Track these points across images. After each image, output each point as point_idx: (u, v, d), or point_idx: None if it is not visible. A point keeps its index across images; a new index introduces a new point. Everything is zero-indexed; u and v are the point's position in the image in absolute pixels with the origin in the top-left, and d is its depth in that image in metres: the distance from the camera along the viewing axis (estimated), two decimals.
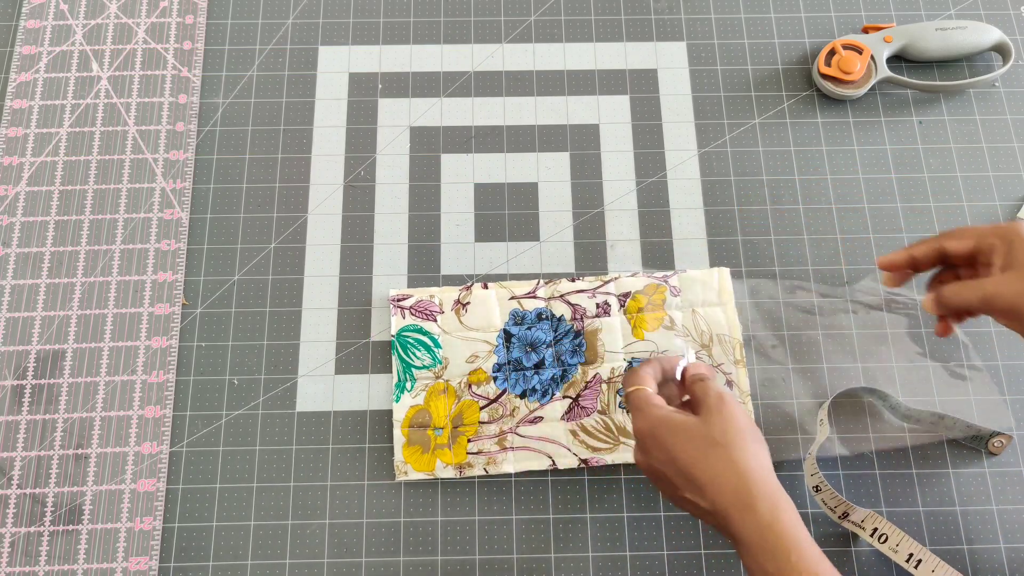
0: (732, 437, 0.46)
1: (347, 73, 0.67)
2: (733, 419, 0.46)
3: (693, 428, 0.46)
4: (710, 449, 0.45)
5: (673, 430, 0.47)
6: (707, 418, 0.47)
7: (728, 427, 0.46)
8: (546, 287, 0.60)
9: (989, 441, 0.56)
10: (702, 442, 0.46)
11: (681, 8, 0.69)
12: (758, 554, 0.43)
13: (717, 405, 0.47)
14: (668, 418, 0.47)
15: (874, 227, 0.62)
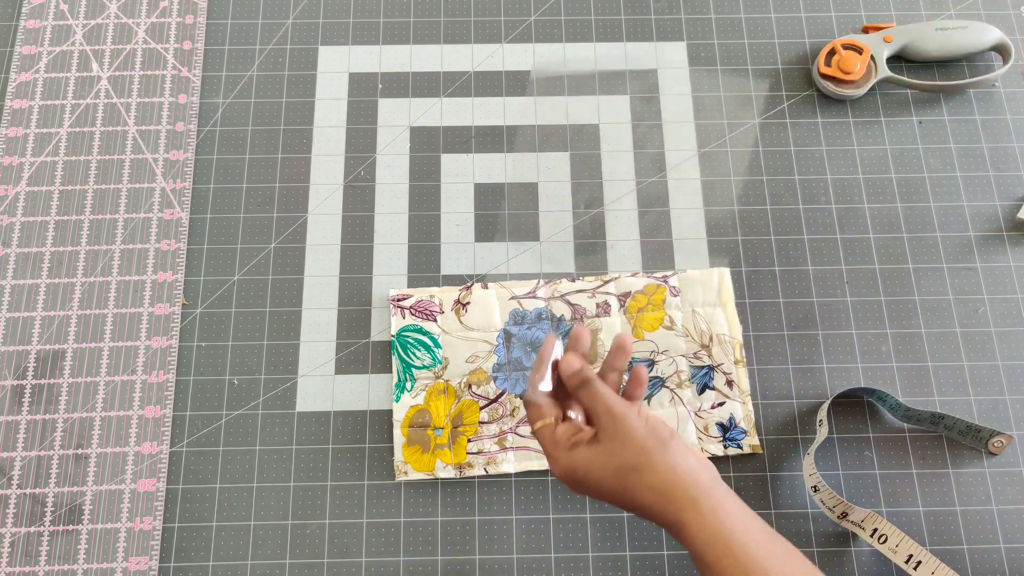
0: (639, 457, 0.43)
1: (347, 73, 0.67)
2: (632, 437, 0.44)
3: (602, 462, 0.44)
4: (630, 476, 0.43)
5: (585, 472, 0.44)
6: (609, 446, 0.44)
7: (629, 449, 0.43)
8: (546, 287, 0.60)
9: (989, 441, 0.56)
10: (617, 474, 0.43)
11: (681, 8, 0.69)
12: (694, 560, 0.43)
13: (610, 426, 0.44)
14: (575, 457, 0.45)
15: (874, 227, 0.62)
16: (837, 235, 0.62)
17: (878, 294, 0.61)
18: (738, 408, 0.57)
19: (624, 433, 0.44)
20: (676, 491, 0.43)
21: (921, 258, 0.62)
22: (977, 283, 0.61)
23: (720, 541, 0.42)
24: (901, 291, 0.61)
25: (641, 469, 0.43)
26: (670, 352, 0.58)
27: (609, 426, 0.44)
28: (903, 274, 0.61)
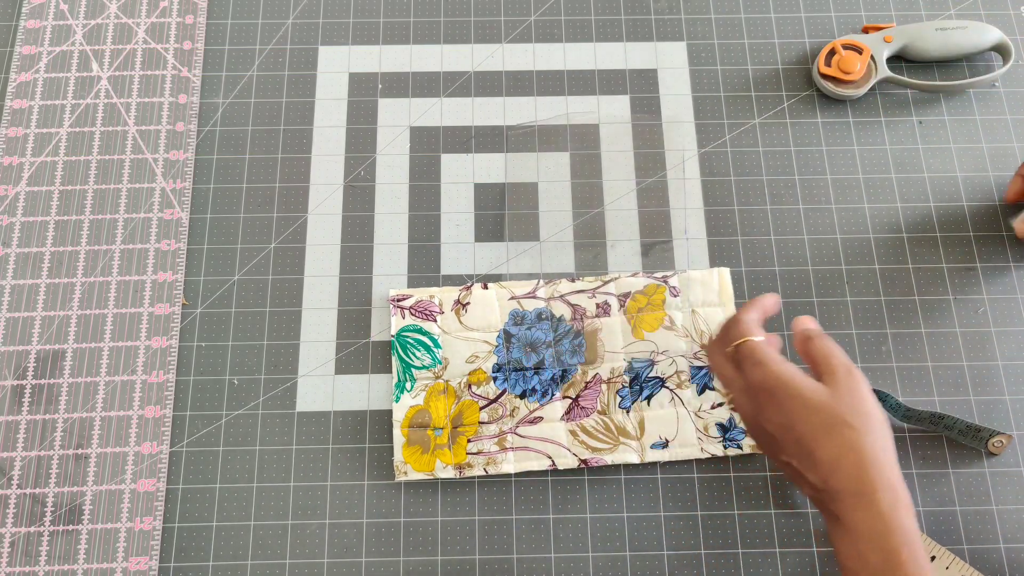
0: (863, 420, 0.42)
1: (347, 73, 0.67)
2: (864, 399, 0.42)
3: (820, 399, 0.42)
4: (836, 428, 0.41)
5: (797, 395, 0.43)
6: (836, 392, 0.42)
7: (859, 407, 0.42)
8: (546, 287, 0.60)
9: (989, 441, 0.56)
10: (828, 418, 0.42)
11: (681, 8, 0.69)
12: (866, 543, 0.40)
13: (847, 378, 0.43)
14: (793, 380, 0.43)
15: (874, 227, 0.62)
16: (837, 235, 0.62)
17: (878, 294, 0.61)
18: None
19: (859, 391, 0.42)
20: (883, 468, 0.41)
21: (921, 258, 0.62)
22: (977, 283, 0.61)
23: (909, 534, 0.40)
24: (901, 291, 0.61)
25: (858, 429, 0.41)
26: (670, 352, 0.58)
27: (845, 378, 0.43)
28: (903, 274, 0.61)
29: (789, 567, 0.54)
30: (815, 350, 0.45)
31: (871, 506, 0.40)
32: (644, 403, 0.57)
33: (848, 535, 0.41)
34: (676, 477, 0.56)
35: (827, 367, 0.44)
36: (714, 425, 0.57)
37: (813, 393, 0.43)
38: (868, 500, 0.40)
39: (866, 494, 0.41)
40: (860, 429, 0.41)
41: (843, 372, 0.43)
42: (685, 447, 0.56)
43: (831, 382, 0.43)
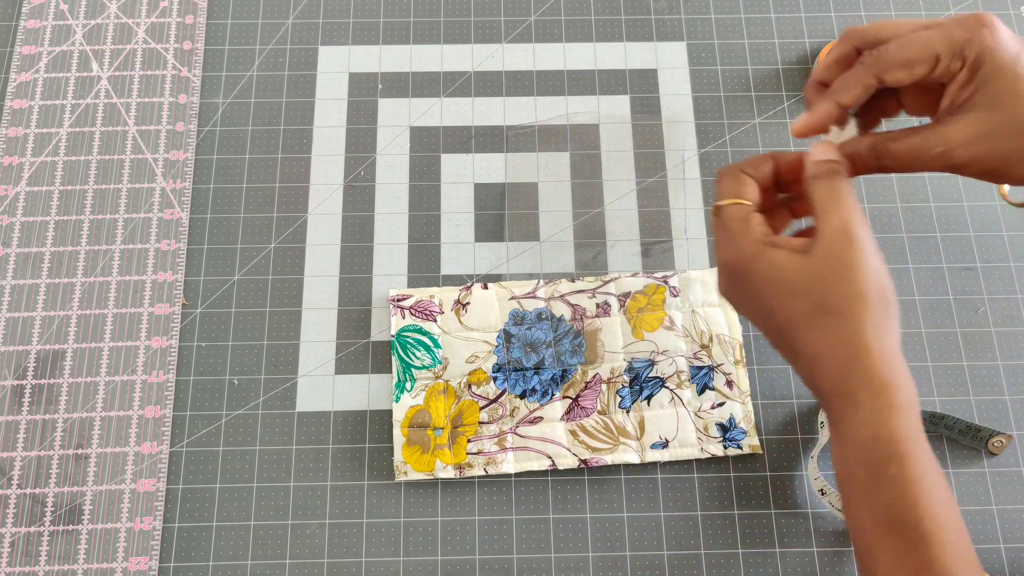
0: (850, 303, 0.34)
1: (347, 73, 0.67)
2: (856, 273, 0.34)
3: (802, 278, 0.35)
4: (819, 316, 0.34)
5: (773, 273, 0.35)
6: (820, 265, 0.34)
7: (847, 286, 0.34)
8: (546, 287, 0.60)
9: (989, 441, 0.56)
10: (810, 301, 0.34)
11: (681, 8, 0.69)
12: (851, 454, 0.34)
13: (838, 244, 0.34)
14: (767, 255, 0.36)
15: (874, 227, 0.62)
16: None
17: None
18: (738, 408, 0.57)
19: (850, 261, 0.34)
20: (877, 364, 0.34)
21: (921, 258, 0.62)
22: (977, 283, 0.61)
23: (901, 446, 0.33)
24: (901, 291, 0.61)
25: (844, 316, 0.34)
26: (670, 352, 0.58)
27: (836, 242, 0.35)
28: (903, 274, 0.61)
29: (789, 567, 0.54)
30: (814, 195, 0.37)
31: (856, 410, 0.34)
32: (644, 403, 0.57)
33: (837, 440, 0.36)
34: (676, 477, 0.56)
35: (819, 222, 0.36)
36: (714, 425, 0.57)
37: (792, 269, 0.35)
38: (853, 403, 0.34)
39: (851, 395, 0.34)
40: (846, 314, 0.34)
41: (833, 235, 0.35)
42: (685, 447, 0.56)
43: (819, 248, 0.35)
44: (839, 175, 0.37)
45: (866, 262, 0.35)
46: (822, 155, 0.38)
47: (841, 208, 0.36)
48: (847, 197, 0.36)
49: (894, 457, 0.33)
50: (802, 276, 0.35)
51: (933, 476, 0.34)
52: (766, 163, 0.40)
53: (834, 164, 0.37)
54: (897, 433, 0.34)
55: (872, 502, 0.34)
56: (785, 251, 0.36)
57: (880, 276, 0.35)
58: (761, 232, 0.37)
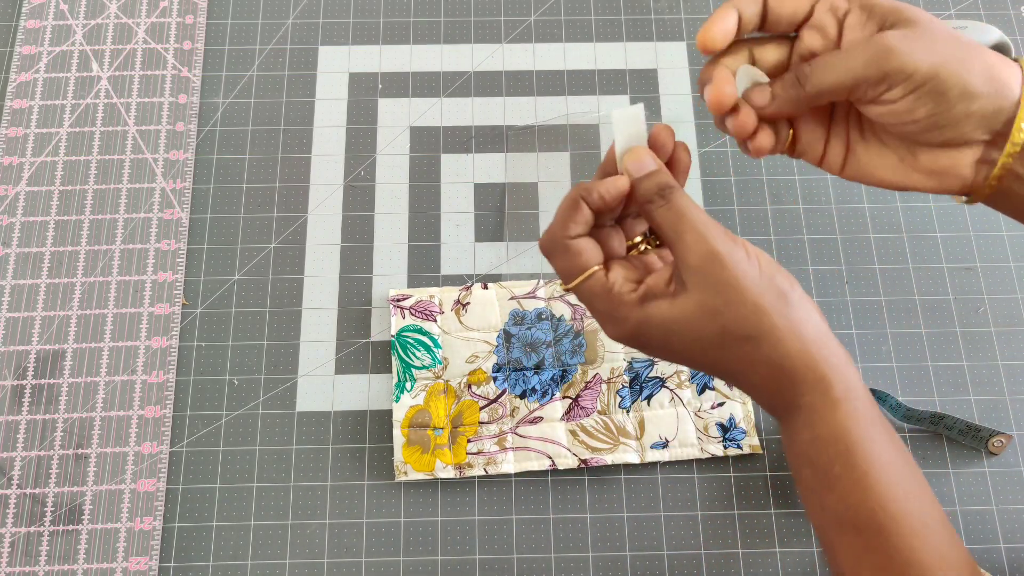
0: (753, 321, 0.32)
1: (347, 73, 0.67)
2: (743, 290, 0.32)
3: (694, 320, 0.32)
4: (728, 346, 0.32)
5: (664, 328, 0.33)
6: (705, 300, 0.32)
7: (742, 307, 0.32)
8: (546, 287, 0.60)
9: (989, 441, 0.56)
10: (713, 337, 0.32)
11: (681, 8, 0.69)
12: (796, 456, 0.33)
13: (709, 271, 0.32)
14: (649, 315, 0.33)
15: (874, 227, 0.62)
16: (837, 235, 0.62)
17: (878, 294, 0.61)
18: (738, 408, 0.57)
19: (729, 283, 0.32)
20: (801, 367, 0.32)
21: (921, 258, 0.62)
22: (977, 283, 0.61)
23: (841, 442, 0.32)
24: (901, 291, 0.61)
25: (756, 338, 0.32)
26: None
27: (705, 270, 0.32)
28: (903, 274, 0.61)
29: (789, 567, 0.54)
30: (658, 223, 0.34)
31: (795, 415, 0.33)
32: (644, 403, 0.57)
33: (785, 446, 0.35)
34: (676, 477, 0.56)
35: (678, 257, 0.33)
36: (714, 425, 0.57)
37: (679, 319, 0.32)
38: (791, 409, 0.33)
39: (788, 404, 0.33)
40: (752, 334, 0.32)
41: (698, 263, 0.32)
42: (685, 447, 0.56)
43: (690, 283, 0.32)
44: (674, 191, 0.34)
45: (744, 274, 0.32)
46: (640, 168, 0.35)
47: (693, 229, 0.33)
48: (692, 213, 0.33)
49: (837, 455, 0.32)
50: (693, 318, 0.33)
51: (887, 462, 0.32)
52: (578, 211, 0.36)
53: (661, 177, 0.34)
54: (837, 429, 0.32)
55: (824, 501, 0.33)
56: (664, 302, 0.33)
57: (763, 278, 0.33)
58: (629, 293, 0.34)
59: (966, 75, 0.33)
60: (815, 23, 0.36)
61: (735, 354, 0.33)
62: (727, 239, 0.33)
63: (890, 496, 0.31)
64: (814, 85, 0.34)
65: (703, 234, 0.33)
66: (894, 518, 0.31)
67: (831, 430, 0.32)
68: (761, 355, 0.32)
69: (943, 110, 0.33)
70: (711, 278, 0.32)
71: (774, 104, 0.36)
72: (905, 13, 0.34)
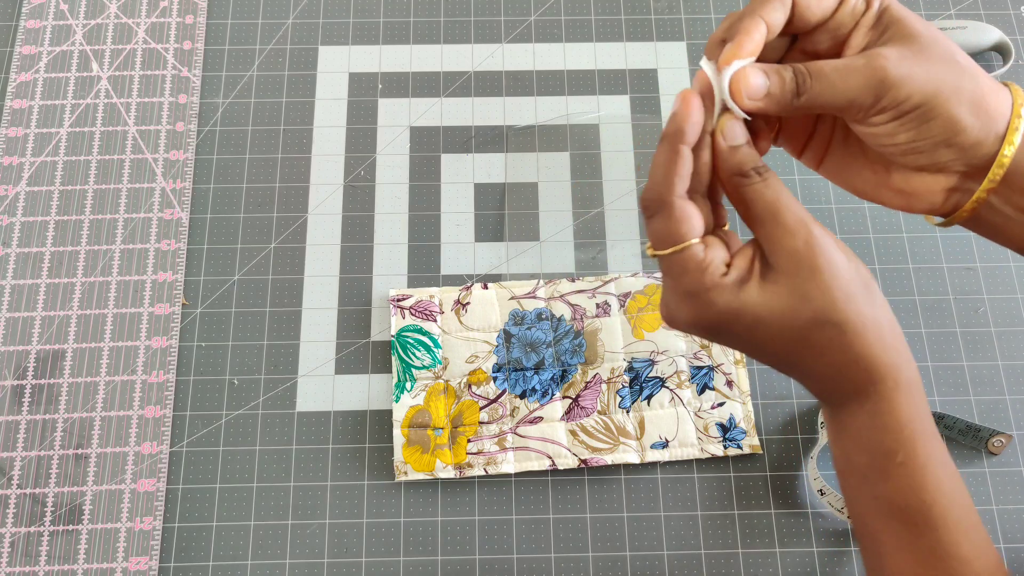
0: (841, 308, 0.32)
1: (347, 73, 0.67)
2: (835, 277, 0.32)
3: (785, 307, 0.32)
4: (815, 334, 0.32)
5: (754, 316, 0.32)
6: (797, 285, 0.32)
7: (834, 294, 0.32)
8: (546, 287, 0.60)
9: (989, 441, 0.56)
10: (801, 326, 0.32)
11: (681, 8, 0.69)
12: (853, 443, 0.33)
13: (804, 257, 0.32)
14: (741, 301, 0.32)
15: (874, 227, 0.62)
16: (837, 235, 0.62)
17: None
18: (738, 408, 0.57)
19: (826, 269, 0.32)
20: (877, 355, 0.32)
21: (921, 258, 0.62)
22: (977, 283, 0.61)
23: (906, 431, 0.32)
24: (901, 291, 0.61)
25: (842, 324, 0.32)
26: (670, 352, 0.58)
27: (804, 254, 0.32)
28: (903, 274, 0.61)
29: (789, 567, 0.54)
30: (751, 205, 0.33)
31: (862, 402, 0.33)
32: (644, 403, 0.57)
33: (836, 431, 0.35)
34: (676, 477, 0.56)
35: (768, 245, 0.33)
36: (714, 425, 0.57)
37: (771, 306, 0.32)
38: (860, 396, 0.33)
39: (857, 391, 0.33)
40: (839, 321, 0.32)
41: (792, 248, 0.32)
42: (685, 447, 0.56)
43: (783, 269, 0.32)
44: (769, 174, 0.33)
45: (839, 261, 0.32)
46: (735, 137, 0.33)
47: (792, 210, 0.33)
48: (785, 198, 0.33)
49: (901, 443, 0.32)
50: (784, 305, 0.32)
51: (940, 457, 0.33)
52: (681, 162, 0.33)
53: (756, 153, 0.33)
54: (903, 416, 0.32)
55: (877, 490, 0.33)
56: (754, 286, 0.33)
57: (852, 266, 0.33)
58: (723, 276, 0.33)
59: (956, 107, 0.33)
60: (831, 23, 0.35)
61: (815, 340, 0.32)
62: (816, 224, 0.33)
63: (943, 490, 0.32)
64: (811, 98, 0.33)
65: (803, 218, 0.32)
66: (945, 511, 0.32)
67: (897, 419, 0.32)
68: (842, 342, 0.32)
69: (925, 138, 0.33)
70: (809, 263, 0.32)
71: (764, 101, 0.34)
72: (907, 26, 0.34)
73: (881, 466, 0.33)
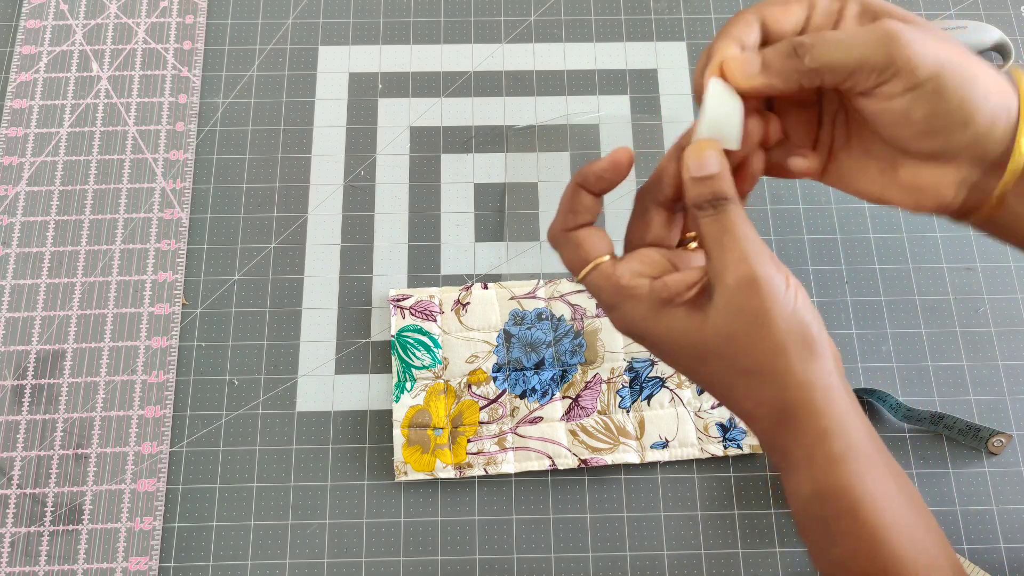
0: (771, 360, 0.30)
1: (347, 73, 0.67)
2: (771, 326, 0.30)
3: (709, 340, 0.31)
4: (737, 377, 0.31)
5: (674, 338, 0.32)
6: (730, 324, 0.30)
7: (765, 343, 0.30)
8: (546, 287, 0.60)
9: (989, 441, 0.56)
10: (723, 364, 0.31)
11: (681, 8, 0.69)
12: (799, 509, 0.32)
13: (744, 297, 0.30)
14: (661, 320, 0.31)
15: (874, 227, 0.62)
16: (837, 235, 0.62)
17: (878, 294, 0.61)
18: None
19: (758, 313, 0.30)
20: (801, 416, 0.31)
21: (921, 258, 0.62)
22: (977, 283, 0.61)
23: (844, 499, 0.30)
24: (901, 291, 0.61)
25: (764, 375, 0.30)
26: None
27: (738, 293, 0.30)
28: (903, 274, 0.61)
29: (789, 567, 0.54)
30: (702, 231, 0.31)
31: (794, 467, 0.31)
32: (644, 403, 0.57)
33: (786, 491, 0.33)
34: (676, 477, 0.56)
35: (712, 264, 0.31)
36: (714, 425, 0.57)
37: (693, 335, 0.31)
38: (790, 459, 0.31)
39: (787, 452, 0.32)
40: (766, 372, 0.30)
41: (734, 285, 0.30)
42: (685, 447, 0.56)
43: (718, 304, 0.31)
44: (728, 203, 0.31)
45: (777, 309, 0.30)
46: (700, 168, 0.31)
47: (737, 247, 0.31)
48: (741, 231, 0.31)
49: (843, 512, 0.30)
50: (708, 338, 0.31)
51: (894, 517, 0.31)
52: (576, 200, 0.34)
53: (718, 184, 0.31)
54: (841, 484, 0.31)
55: (830, 555, 0.32)
56: (681, 313, 0.32)
57: (795, 319, 0.31)
58: (642, 287, 0.32)
59: (969, 84, 0.31)
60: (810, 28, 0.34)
61: (742, 385, 0.31)
62: (771, 265, 0.31)
63: (900, 553, 0.30)
64: (815, 59, 0.31)
65: (747, 255, 0.30)
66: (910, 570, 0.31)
67: (835, 487, 0.31)
68: (770, 394, 0.31)
69: (941, 113, 0.31)
70: (741, 303, 0.30)
71: (764, 76, 0.32)
72: (898, 12, 0.32)
73: (828, 533, 0.31)
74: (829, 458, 0.31)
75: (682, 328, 0.31)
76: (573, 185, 0.35)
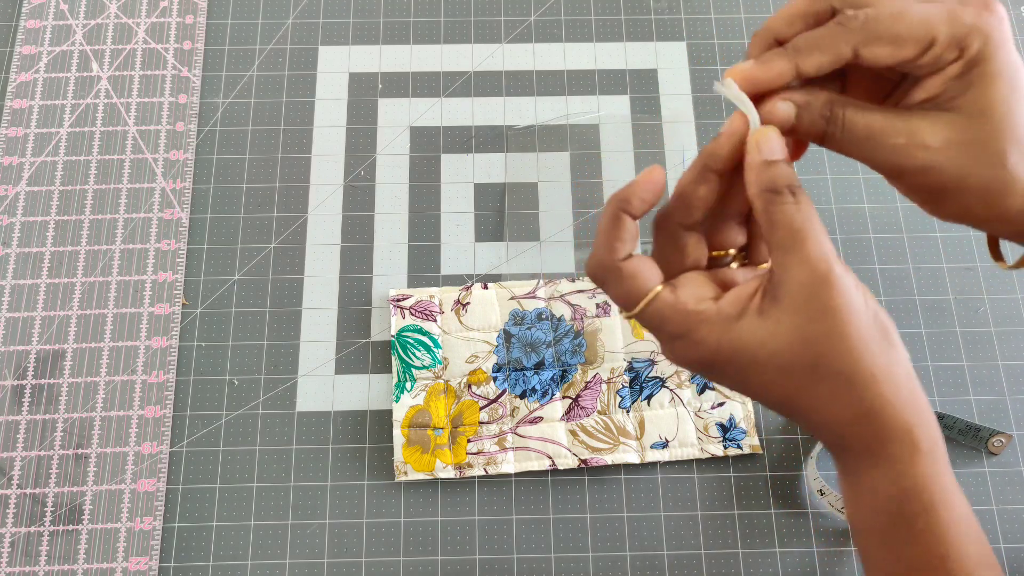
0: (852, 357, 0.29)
1: (347, 73, 0.67)
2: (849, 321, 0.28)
3: (784, 347, 0.29)
4: (819, 381, 0.29)
5: (749, 355, 0.29)
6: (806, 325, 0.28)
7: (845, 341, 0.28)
8: (546, 287, 0.60)
9: (989, 441, 0.56)
10: (803, 369, 0.29)
11: (681, 8, 0.69)
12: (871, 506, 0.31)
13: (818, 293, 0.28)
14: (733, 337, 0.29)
15: (874, 227, 0.62)
16: (837, 235, 0.62)
17: (878, 294, 0.61)
18: (738, 408, 0.57)
19: (837, 311, 0.28)
20: (891, 415, 0.30)
21: (921, 258, 0.62)
22: (977, 283, 0.61)
23: (926, 497, 0.30)
24: (901, 291, 0.61)
25: (850, 376, 0.29)
26: None
27: (813, 291, 0.28)
28: (903, 274, 0.61)
29: (789, 567, 0.54)
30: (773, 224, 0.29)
31: (876, 464, 0.30)
32: (644, 403, 0.57)
33: (852, 493, 0.32)
34: (676, 477, 0.56)
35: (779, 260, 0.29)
36: (714, 425, 0.57)
37: (768, 345, 0.29)
38: (872, 458, 0.30)
39: (870, 451, 0.30)
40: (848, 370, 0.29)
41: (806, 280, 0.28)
42: (685, 447, 0.56)
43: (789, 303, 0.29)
44: (803, 196, 0.29)
45: (852, 303, 0.29)
46: (771, 152, 0.30)
47: (816, 240, 0.29)
48: (818, 224, 0.29)
49: (922, 510, 0.30)
50: (784, 345, 0.29)
51: (962, 515, 0.31)
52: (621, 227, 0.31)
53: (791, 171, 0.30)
54: (923, 482, 0.30)
55: (899, 553, 0.31)
56: (750, 321, 0.29)
57: (870, 310, 0.30)
58: (710, 309, 0.30)
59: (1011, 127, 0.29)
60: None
61: (824, 389, 0.29)
62: (839, 261, 0.29)
63: (965, 553, 0.31)
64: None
65: (824, 250, 0.29)
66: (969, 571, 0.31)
67: (917, 484, 0.30)
68: (850, 395, 0.29)
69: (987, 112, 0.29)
70: (818, 301, 0.28)
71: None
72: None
73: (904, 530, 0.30)
74: (916, 451, 0.30)
75: (756, 339, 0.29)
76: (614, 211, 0.32)
